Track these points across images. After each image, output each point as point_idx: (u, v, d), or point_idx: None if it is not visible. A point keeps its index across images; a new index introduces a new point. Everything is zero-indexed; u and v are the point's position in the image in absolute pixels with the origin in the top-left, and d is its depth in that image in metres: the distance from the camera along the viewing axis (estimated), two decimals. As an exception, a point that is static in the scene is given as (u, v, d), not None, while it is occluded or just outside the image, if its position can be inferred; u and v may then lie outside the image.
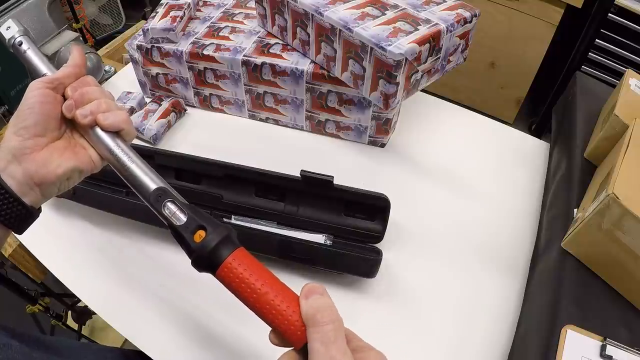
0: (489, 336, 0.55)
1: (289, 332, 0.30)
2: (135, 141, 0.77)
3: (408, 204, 0.67)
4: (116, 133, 0.39)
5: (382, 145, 0.77)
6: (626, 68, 1.05)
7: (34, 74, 0.41)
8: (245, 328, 0.54)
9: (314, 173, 0.57)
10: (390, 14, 0.63)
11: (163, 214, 0.36)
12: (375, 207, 0.58)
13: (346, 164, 0.75)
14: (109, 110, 0.38)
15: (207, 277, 0.58)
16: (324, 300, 0.30)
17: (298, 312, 0.30)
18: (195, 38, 0.77)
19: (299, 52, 0.73)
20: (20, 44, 0.41)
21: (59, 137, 0.38)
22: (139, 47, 0.78)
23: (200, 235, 0.34)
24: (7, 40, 0.41)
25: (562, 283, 0.50)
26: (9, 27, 0.40)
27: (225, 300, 0.57)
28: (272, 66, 0.71)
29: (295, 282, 0.61)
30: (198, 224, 0.34)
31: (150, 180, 0.37)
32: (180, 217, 0.35)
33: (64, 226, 0.66)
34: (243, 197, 0.63)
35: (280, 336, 0.31)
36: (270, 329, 0.32)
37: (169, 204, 0.36)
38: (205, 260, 0.33)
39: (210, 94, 0.81)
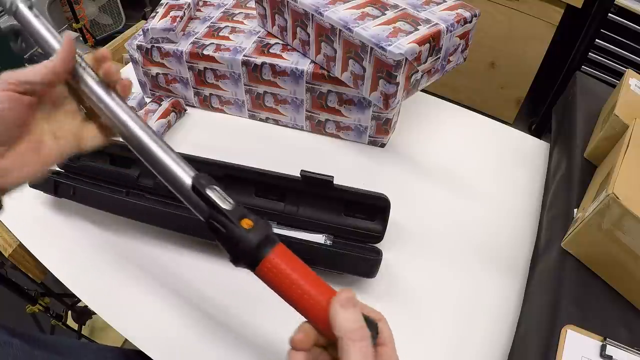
0: (489, 336, 0.55)
1: (327, 324, 0.31)
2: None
3: (408, 204, 0.67)
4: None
5: (382, 145, 0.77)
6: (626, 68, 1.05)
7: (37, 43, 0.37)
8: (246, 328, 0.55)
9: (314, 173, 0.57)
10: (390, 14, 0.63)
11: (207, 196, 0.33)
12: (375, 207, 0.58)
13: (346, 164, 0.75)
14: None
15: (207, 277, 0.57)
16: (357, 314, 0.30)
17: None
18: (195, 38, 0.77)
19: (299, 52, 0.73)
20: (30, 7, 0.37)
21: (20, 140, 0.34)
22: (139, 47, 0.78)
23: (247, 223, 0.32)
24: (8, 5, 0.37)
25: (562, 283, 0.50)
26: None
27: (226, 301, 0.57)
28: (272, 66, 0.71)
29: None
30: (244, 212, 0.33)
31: (188, 167, 0.36)
32: (227, 203, 0.33)
33: (64, 226, 0.66)
34: (243, 197, 0.63)
35: (316, 327, 0.32)
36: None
37: (215, 188, 0.34)
38: (251, 252, 0.32)
39: (210, 94, 0.81)
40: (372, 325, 0.32)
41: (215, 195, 0.33)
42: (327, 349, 0.33)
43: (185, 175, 0.35)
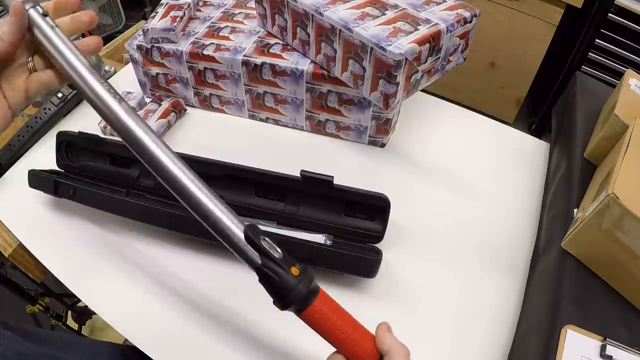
0: (489, 336, 0.55)
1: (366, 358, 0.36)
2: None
3: (408, 204, 0.67)
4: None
5: (382, 145, 0.77)
6: (626, 68, 1.05)
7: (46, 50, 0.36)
8: (246, 328, 0.55)
9: (314, 173, 0.57)
10: (390, 14, 0.63)
11: (260, 246, 0.35)
12: (375, 207, 0.58)
13: (346, 164, 0.75)
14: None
15: (207, 277, 0.57)
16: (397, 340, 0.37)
17: (371, 341, 0.37)
18: (195, 38, 0.77)
19: (299, 52, 0.73)
20: (45, 14, 0.36)
21: None
22: (139, 47, 0.78)
23: (295, 271, 0.35)
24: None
25: (562, 283, 0.50)
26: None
27: (226, 300, 0.57)
28: (272, 66, 0.71)
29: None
30: (292, 260, 0.36)
31: (236, 218, 0.37)
32: (277, 252, 0.36)
33: (64, 226, 0.66)
34: (243, 197, 0.63)
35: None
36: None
37: (265, 238, 0.36)
38: (302, 300, 0.35)
39: (210, 94, 0.81)
40: None
41: (267, 244, 0.36)
42: None
43: (236, 227, 0.37)
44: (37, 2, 0.36)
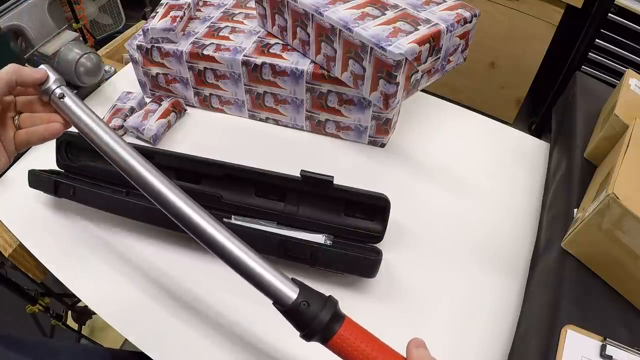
0: (489, 336, 0.55)
1: None
2: (136, 141, 0.77)
3: (408, 204, 0.67)
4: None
5: (382, 145, 0.77)
6: (626, 68, 1.05)
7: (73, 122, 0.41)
8: (246, 329, 0.55)
9: (314, 173, 0.57)
10: (390, 14, 0.63)
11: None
12: (375, 207, 0.58)
13: (346, 164, 0.75)
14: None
15: (207, 277, 0.57)
16: (428, 352, 0.36)
17: None
18: (195, 38, 0.77)
19: (299, 52, 0.73)
20: (62, 96, 0.41)
21: None
22: (139, 47, 0.78)
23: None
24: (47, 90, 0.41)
25: (562, 283, 0.50)
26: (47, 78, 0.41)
27: (226, 301, 0.57)
28: (272, 66, 0.71)
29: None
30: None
31: (286, 282, 0.37)
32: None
33: (64, 226, 0.66)
34: (243, 197, 0.63)
35: None
36: None
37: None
38: (324, 329, 0.35)
39: (210, 94, 0.81)
40: None
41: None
42: None
43: (289, 289, 0.37)
44: (62, 82, 0.41)
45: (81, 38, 0.83)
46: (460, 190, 0.71)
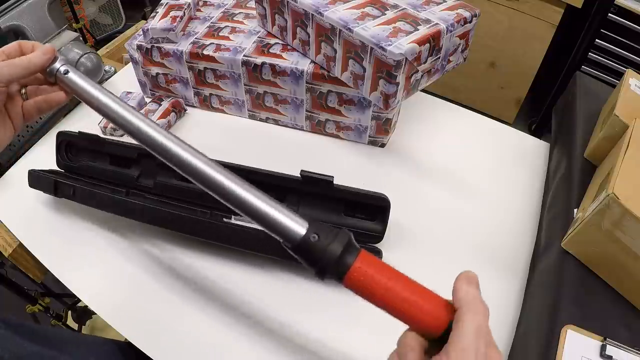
0: (489, 336, 0.54)
1: (428, 321, 0.31)
2: (136, 141, 0.77)
3: (408, 204, 0.67)
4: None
5: (382, 145, 0.77)
6: (626, 68, 1.05)
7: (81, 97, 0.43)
8: (245, 329, 0.55)
9: (314, 173, 0.57)
10: (390, 14, 0.63)
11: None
12: (375, 207, 0.58)
13: (346, 164, 0.75)
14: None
15: (207, 276, 0.57)
16: (478, 292, 0.31)
17: (438, 305, 0.31)
18: (195, 38, 0.77)
19: (299, 52, 0.73)
20: (66, 72, 0.43)
21: None
22: (139, 47, 0.78)
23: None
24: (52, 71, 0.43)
25: (562, 283, 0.50)
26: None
27: (226, 301, 0.57)
28: (272, 66, 0.71)
29: (296, 282, 0.61)
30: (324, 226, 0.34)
31: (295, 217, 0.35)
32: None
33: (64, 226, 0.66)
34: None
35: (417, 328, 0.31)
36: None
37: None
38: (336, 262, 0.32)
39: (210, 94, 0.81)
40: None
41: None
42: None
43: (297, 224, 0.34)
44: (68, 61, 0.44)
45: (81, 38, 0.83)
46: (460, 190, 0.71)
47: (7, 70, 0.40)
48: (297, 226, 0.33)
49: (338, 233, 0.33)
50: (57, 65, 0.43)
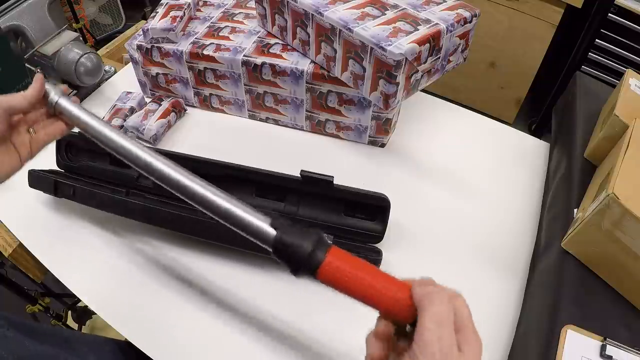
0: (489, 336, 0.54)
1: (398, 308, 0.32)
2: (135, 141, 0.77)
3: (408, 204, 0.67)
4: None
5: (382, 145, 0.77)
6: (626, 68, 1.05)
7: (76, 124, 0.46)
8: (245, 328, 0.55)
9: (314, 173, 0.57)
10: (390, 14, 0.63)
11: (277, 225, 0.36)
12: (375, 207, 0.58)
13: (346, 164, 0.75)
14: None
15: (207, 277, 0.58)
16: (436, 287, 0.32)
17: (403, 290, 0.32)
18: (195, 38, 0.77)
19: (299, 52, 0.73)
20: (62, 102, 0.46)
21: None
22: (139, 47, 0.78)
23: None
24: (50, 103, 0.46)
25: (562, 283, 0.50)
26: (48, 90, 0.46)
27: (226, 301, 0.57)
28: (272, 66, 0.71)
29: (295, 283, 0.61)
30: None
31: (261, 214, 0.38)
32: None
33: (64, 226, 0.66)
34: (243, 197, 0.62)
35: (390, 317, 0.33)
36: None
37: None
38: (307, 259, 0.33)
39: (210, 94, 0.81)
40: None
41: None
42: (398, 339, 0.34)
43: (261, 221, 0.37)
44: (63, 94, 0.46)
45: (81, 38, 0.83)
46: (460, 190, 0.71)
47: (4, 99, 0.43)
48: (267, 227, 0.36)
49: (309, 232, 0.35)
50: (55, 97, 0.46)
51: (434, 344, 0.28)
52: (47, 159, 0.70)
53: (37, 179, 0.65)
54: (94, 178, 0.67)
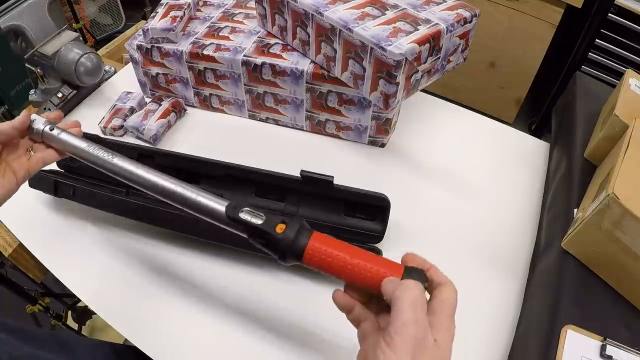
0: (489, 336, 0.54)
1: (376, 279, 0.34)
2: (136, 141, 0.77)
3: (408, 204, 0.67)
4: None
5: (382, 145, 0.77)
6: (626, 68, 1.05)
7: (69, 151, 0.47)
8: (245, 328, 0.55)
9: (314, 173, 0.57)
10: (390, 14, 0.63)
11: (241, 220, 0.38)
12: (375, 207, 0.58)
13: (346, 164, 0.75)
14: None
15: (207, 277, 0.58)
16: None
17: (382, 263, 0.35)
18: (195, 38, 0.77)
19: (299, 52, 0.73)
20: (52, 129, 0.47)
21: None
22: (139, 47, 0.78)
23: (281, 227, 0.37)
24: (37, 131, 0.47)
25: (562, 283, 0.50)
26: (34, 120, 0.47)
27: (226, 301, 0.57)
28: (272, 66, 0.71)
29: (295, 282, 0.61)
30: (276, 219, 0.38)
31: (218, 198, 0.40)
32: (259, 217, 0.38)
33: (64, 226, 0.66)
34: (243, 197, 0.63)
35: (363, 288, 0.36)
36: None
37: (246, 209, 0.39)
38: (292, 246, 0.36)
39: (210, 94, 0.81)
40: (418, 273, 0.35)
41: (248, 215, 0.38)
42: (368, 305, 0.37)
43: (219, 206, 0.40)
44: (49, 122, 0.48)
45: (81, 38, 0.83)
46: (460, 190, 0.71)
47: None
48: (251, 218, 0.38)
49: (291, 220, 0.37)
50: (41, 126, 0.47)
51: (411, 326, 0.29)
52: (47, 159, 0.71)
53: (37, 179, 0.65)
54: (94, 178, 0.67)
